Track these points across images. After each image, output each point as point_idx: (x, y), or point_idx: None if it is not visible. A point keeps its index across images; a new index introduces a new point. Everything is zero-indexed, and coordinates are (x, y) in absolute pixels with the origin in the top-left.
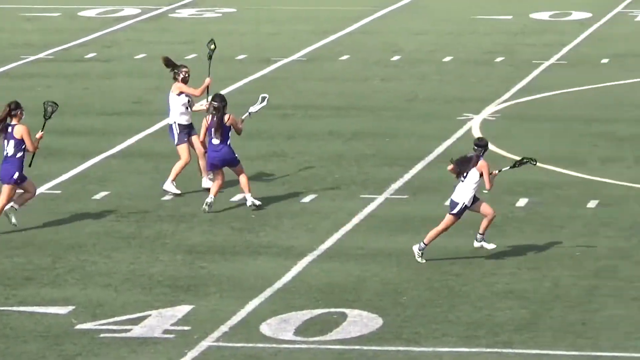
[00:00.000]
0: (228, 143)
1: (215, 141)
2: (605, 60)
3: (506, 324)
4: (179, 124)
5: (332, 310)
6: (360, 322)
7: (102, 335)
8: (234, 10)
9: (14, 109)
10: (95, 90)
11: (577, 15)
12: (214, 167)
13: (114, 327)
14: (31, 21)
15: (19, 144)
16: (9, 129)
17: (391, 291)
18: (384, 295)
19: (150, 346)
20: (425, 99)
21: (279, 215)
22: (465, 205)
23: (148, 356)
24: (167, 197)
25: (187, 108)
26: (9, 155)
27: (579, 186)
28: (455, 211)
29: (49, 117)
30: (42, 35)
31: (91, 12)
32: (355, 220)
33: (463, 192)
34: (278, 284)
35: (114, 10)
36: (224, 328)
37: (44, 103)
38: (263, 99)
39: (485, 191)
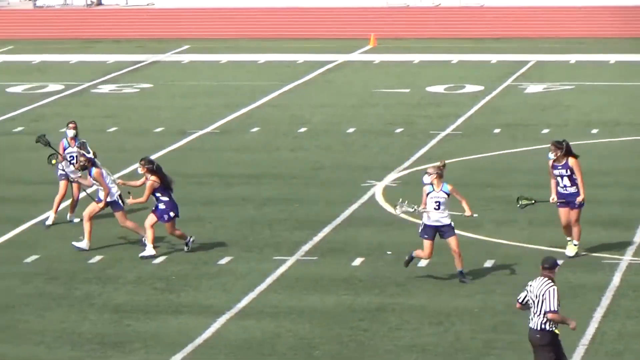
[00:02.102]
0: None
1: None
2: (497, 130)
3: None
4: None
5: None
6: None
7: None
8: (151, 85)
9: None
10: (24, 162)
11: (470, 88)
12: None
13: None
14: None
15: None
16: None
17: (304, 346)
18: (298, 350)
19: None
20: (331, 167)
21: (198, 277)
22: None
23: None
24: (93, 260)
25: None
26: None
27: (476, 247)
28: None
29: None
30: None
31: (18, 89)
32: (269, 280)
33: None
34: (199, 340)
35: (39, 87)
36: None
37: None
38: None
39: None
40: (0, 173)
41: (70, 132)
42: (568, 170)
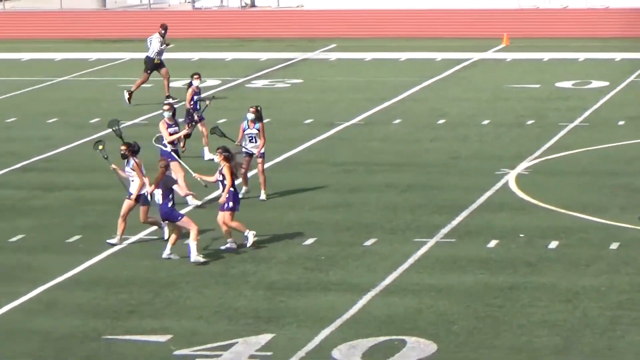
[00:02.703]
0: None
1: None
2: (621, 122)
3: (543, 349)
4: None
5: (394, 337)
6: (418, 347)
7: (196, 359)
8: (301, 81)
9: None
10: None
11: (596, 84)
12: None
13: (207, 353)
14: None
15: None
16: None
17: (444, 321)
18: (437, 324)
19: None
20: (468, 157)
21: (345, 257)
22: None
23: None
24: (248, 242)
25: None
26: None
27: (602, 230)
28: None
29: None
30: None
31: (178, 83)
32: (411, 260)
33: None
34: (346, 315)
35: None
36: (300, 353)
37: None
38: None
39: None
40: None
41: (250, 116)
42: None
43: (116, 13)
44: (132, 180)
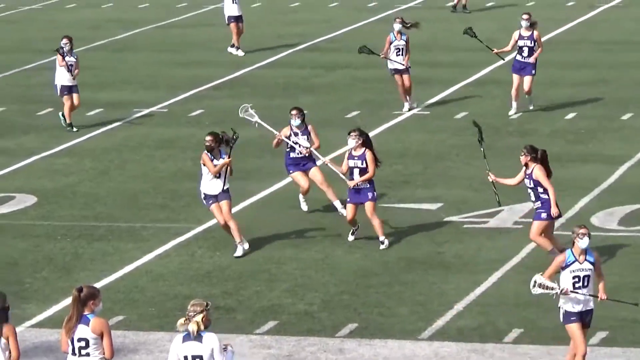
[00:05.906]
0: None
1: None
2: None
3: None
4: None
5: None
6: None
7: (465, 226)
8: None
9: None
10: None
11: None
12: None
13: (474, 220)
14: None
15: None
16: None
17: None
18: None
19: (504, 234)
20: None
21: (604, 130)
22: None
23: (502, 242)
24: (514, 116)
25: None
26: None
27: None
28: None
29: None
30: None
31: None
32: None
33: None
34: (604, 185)
35: None
36: (561, 220)
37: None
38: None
39: None
40: None
41: (397, 26)
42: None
43: None
44: None
